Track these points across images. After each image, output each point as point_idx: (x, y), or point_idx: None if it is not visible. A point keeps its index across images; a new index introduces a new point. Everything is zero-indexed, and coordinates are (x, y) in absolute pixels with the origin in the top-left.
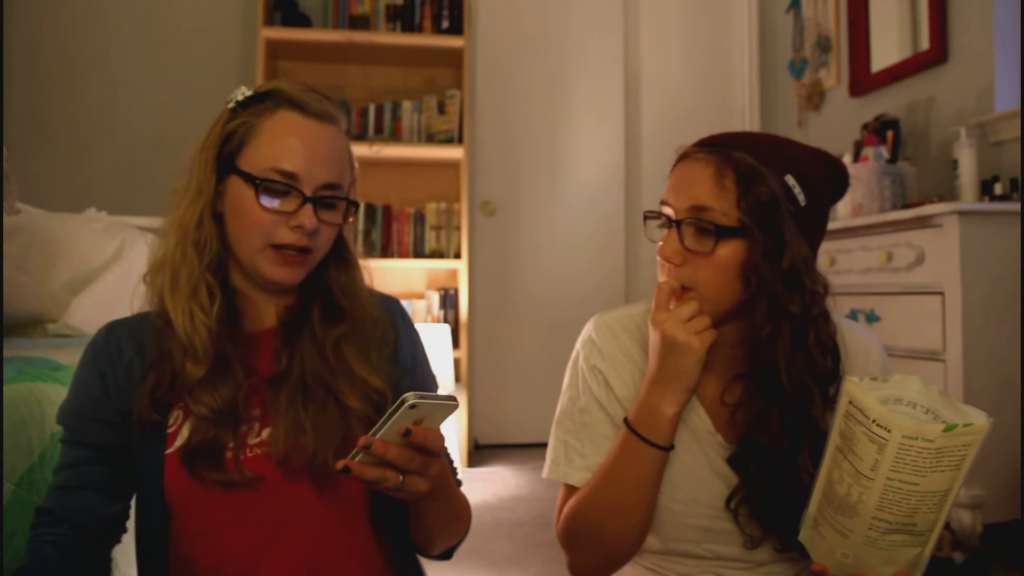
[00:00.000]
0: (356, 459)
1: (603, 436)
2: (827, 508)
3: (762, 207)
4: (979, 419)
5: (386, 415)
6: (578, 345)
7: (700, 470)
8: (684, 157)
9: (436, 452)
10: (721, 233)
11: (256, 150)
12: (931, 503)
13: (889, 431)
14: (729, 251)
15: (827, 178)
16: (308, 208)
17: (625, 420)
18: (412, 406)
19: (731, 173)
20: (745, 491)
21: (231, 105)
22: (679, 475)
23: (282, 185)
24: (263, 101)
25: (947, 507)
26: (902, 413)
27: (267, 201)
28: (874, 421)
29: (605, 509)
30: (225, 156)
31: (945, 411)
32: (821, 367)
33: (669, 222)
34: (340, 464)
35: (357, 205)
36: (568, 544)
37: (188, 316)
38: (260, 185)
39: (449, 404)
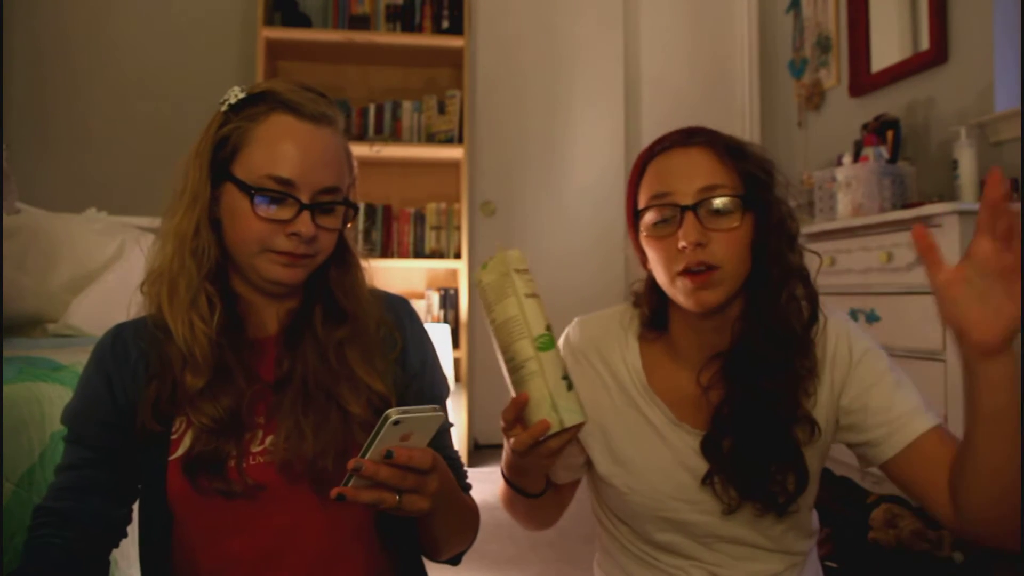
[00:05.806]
0: (349, 484)
1: None
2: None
3: (762, 173)
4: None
5: (372, 434)
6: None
7: (666, 466)
8: (666, 150)
9: (425, 470)
10: (747, 205)
11: (251, 156)
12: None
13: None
14: (748, 223)
15: None
16: (305, 216)
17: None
18: (395, 423)
19: (725, 152)
20: (718, 472)
21: (224, 108)
22: (645, 471)
23: (278, 193)
24: (256, 104)
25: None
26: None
27: (263, 209)
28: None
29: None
30: (220, 162)
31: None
32: (806, 315)
33: (680, 209)
34: (334, 492)
35: (356, 208)
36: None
37: (188, 326)
38: (255, 193)
39: (434, 416)
